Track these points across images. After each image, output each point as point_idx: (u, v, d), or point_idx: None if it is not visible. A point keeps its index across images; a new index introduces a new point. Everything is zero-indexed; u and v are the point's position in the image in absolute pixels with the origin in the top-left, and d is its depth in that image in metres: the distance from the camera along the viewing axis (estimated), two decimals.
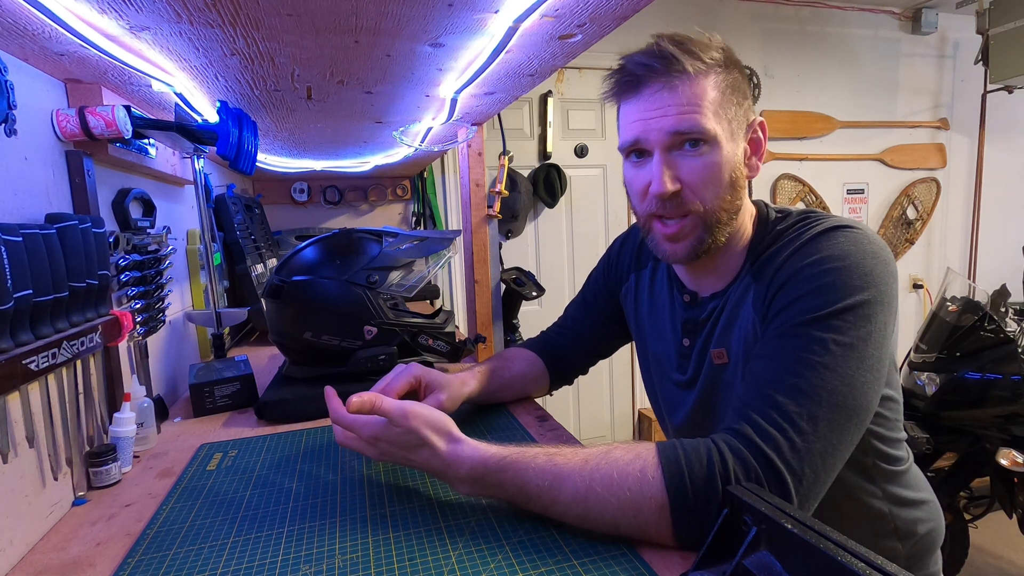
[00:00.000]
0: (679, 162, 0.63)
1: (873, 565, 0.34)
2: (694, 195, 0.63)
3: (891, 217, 3.25)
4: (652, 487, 0.52)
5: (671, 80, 0.61)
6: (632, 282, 0.85)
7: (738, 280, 0.68)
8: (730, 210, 0.65)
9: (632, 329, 0.87)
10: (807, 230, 0.63)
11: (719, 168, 0.62)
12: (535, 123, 2.74)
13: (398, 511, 0.61)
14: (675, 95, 0.61)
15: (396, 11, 0.62)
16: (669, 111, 0.61)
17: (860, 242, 0.59)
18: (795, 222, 0.66)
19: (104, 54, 0.67)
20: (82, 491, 0.69)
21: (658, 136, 0.62)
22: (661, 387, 0.81)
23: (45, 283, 0.60)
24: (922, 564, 0.75)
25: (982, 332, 1.90)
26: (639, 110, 0.63)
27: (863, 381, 0.55)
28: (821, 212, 0.67)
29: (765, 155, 0.69)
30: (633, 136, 0.64)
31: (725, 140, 0.62)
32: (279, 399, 0.92)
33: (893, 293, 0.59)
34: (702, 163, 0.62)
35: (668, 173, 0.62)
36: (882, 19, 3.10)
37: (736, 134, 0.64)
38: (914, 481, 0.75)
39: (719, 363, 0.69)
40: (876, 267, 0.58)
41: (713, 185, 0.63)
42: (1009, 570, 2.19)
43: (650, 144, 0.63)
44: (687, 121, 0.61)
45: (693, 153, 0.62)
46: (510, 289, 2.25)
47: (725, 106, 0.62)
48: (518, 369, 0.92)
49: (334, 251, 0.99)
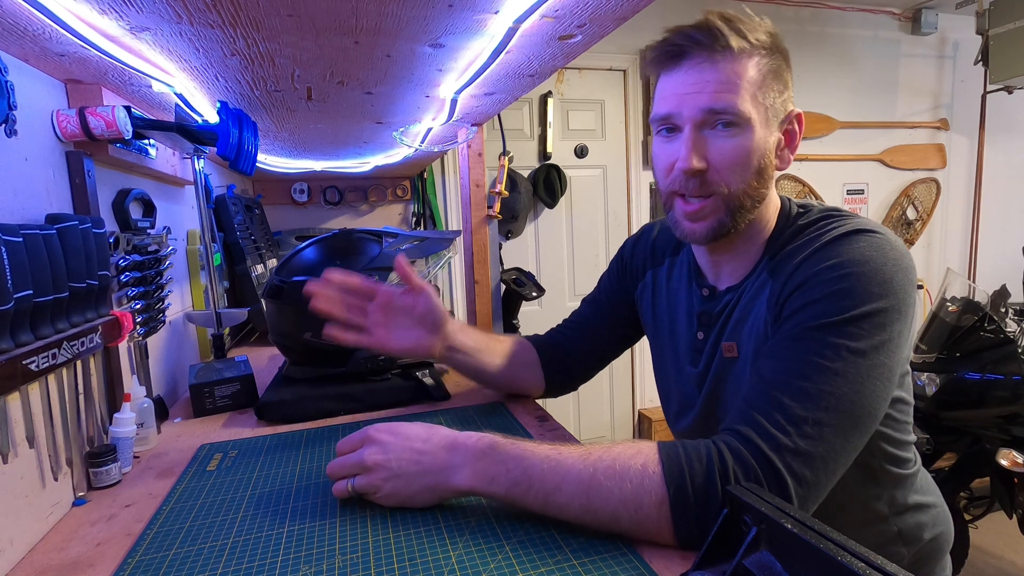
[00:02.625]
0: (709, 141, 0.62)
1: (873, 565, 0.34)
2: (719, 176, 0.62)
3: (891, 217, 3.25)
4: (653, 482, 0.52)
5: (713, 55, 0.60)
6: (649, 279, 0.84)
7: (754, 274, 0.67)
8: (754, 196, 0.64)
9: (648, 326, 0.86)
10: (829, 231, 0.61)
11: (749, 152, 0.61)
12: (535, 123, 2.74)
13: (398, 511, 0.60)
14: (716, 71, 0.60)
15: (396, 12, 0.62)
16: (707, 87, 0.60)
17: (882, 248, 0.58)
18: (816, 220, 0.65)
19: (104, 55, 0.67)
20: (82, 491, 0.69)
21: (691, 112, 0.61)
22: (676, 381, 0.80)
23: (45, 283, 0.60)
24: (928, 570, 0.73)
25: (982, 332, 1.90)
26: (676, 83, 0.62)
27: (872, 389, 0.54)
28: (844, 211, 0.65)
29: (797, 148, 0.67)
30: (667, 110, 0.63)
31: (759, 125, 0.61)
32: (279, 399, 0.92)
33: (911, 301, 0.58)
34: (732, 145, 0.61)
35: (696, 150, 0.61)
36: (882, 19, 3.11)
37: (771, 121, 0.63)
38: (921, 485, 0.73)
39: (729, 356, 0.69)
40: (896, 275, 0.57)
41: (740, 168, 0.62)
42: (1009, 570, 2.19)
43: (682, 119, 0.62)
44: (723, 100, 0.59)
45: (725, 134, 0.61)
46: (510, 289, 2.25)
47: (764, 90, 0.61)
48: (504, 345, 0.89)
49: (334, 251, 0.99)
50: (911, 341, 0.62)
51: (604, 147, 2.85)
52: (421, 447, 0.60)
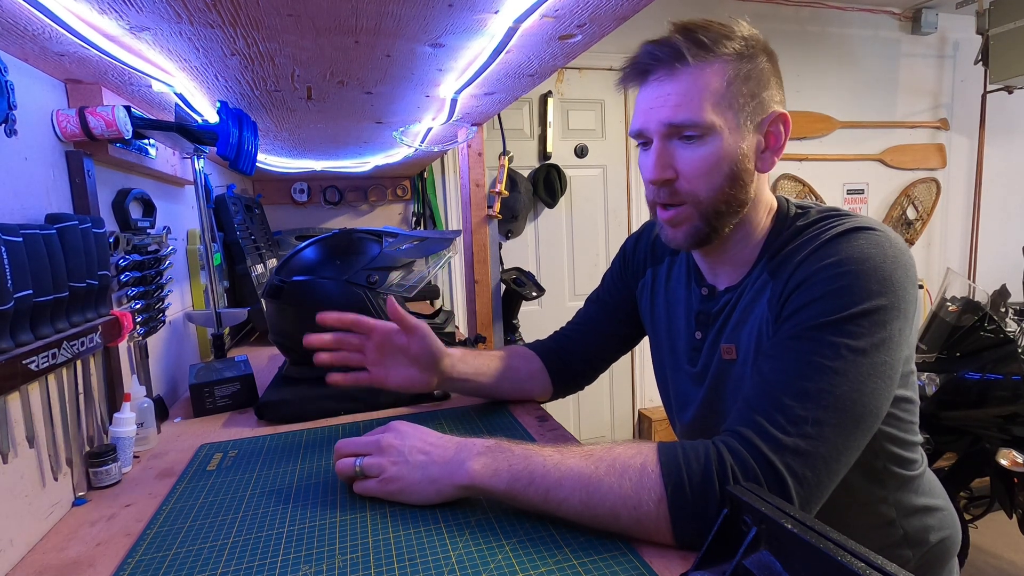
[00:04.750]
0: (676, 152, 0.64)
1: (873, 565, 0.34)
2: (689, 185, 0.64)
3: (891, 217, 3.25)
4: (651, 480, 0.52)
5: (672, 70, 0.62)
6: (648, 277, 0.85)
7: (752, 275, 0.68)
8: (731, 202, 0.64)
9: (647, 324, 0.86)
10: (828, 229, 0.61)
11: (717, 160, 0.62)
12: (535, 123, 2.74)
13: (398, 511, 0.60)
14: (675, 84, 0.62)
15: (396, 11, 0.62)
16: (668, 101, 0.62)
17: (882, 245, 0.58)
18: (816, 219, 0.65)
19: (104, 54, 0.67)
20: (82, 491, 0.69)
21: (656, 126, 0.63)
22: (674, 380, 0.80)
23: (45, 283, 0.60)
24: (935, 574, 0.73)
25: (982, 332, 1.90)
26: (643, 99, 0.65)
27: (873, 388, 0.54)
28: (843, 211, 0.65)
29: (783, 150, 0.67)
30: (637, 126, 0.66)
31: (728, 132, 0.62)
32: (279, 399, 0.92)
33: (911, 299, 0.58)
34: (699, 154, 0.62)
35: (662, 161, 0.64)
36: (882, 19, 3.10)
37: (744, 126, 0.63)
38: (927, 488, 0.73)
39: (727, 359, 0.69)
40: (896, 272, 0.57)
41: (709, 176, 0.63)
42: (1009, 570, 2.19)
43: (650, 133, 0.64)
44: (681, 113, 0.61)
45: (689, 145, 0.63)
46: (510, 289, 2.25)
47: (732, 97, 0.61)
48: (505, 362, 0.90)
49: (334, 251, 0.99)
50: (913, 339, 0.61)
51: (604, 147, 2.84)
52: (435, 440, 0.63)
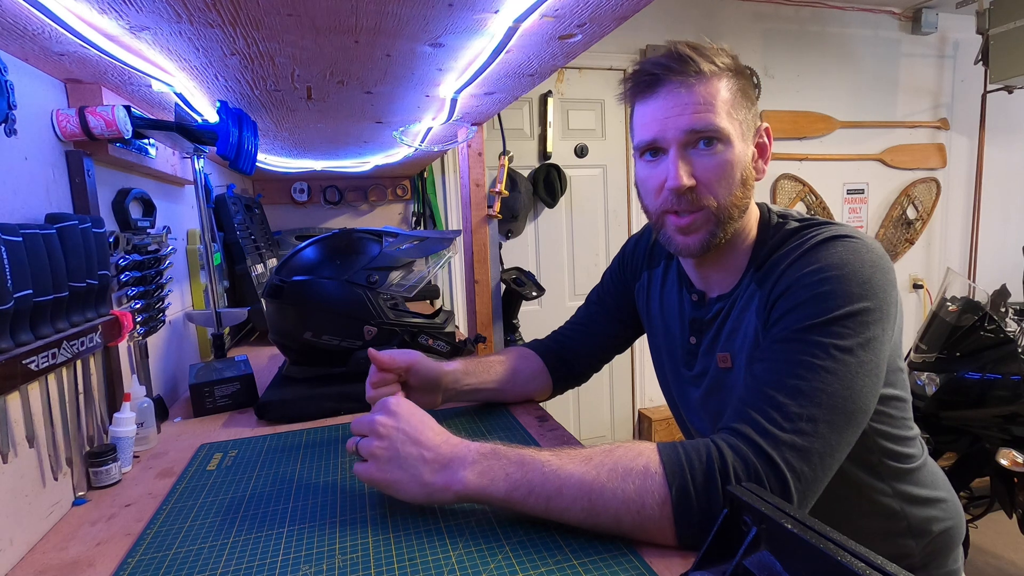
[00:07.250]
0: (694, 159, 0.65)
1: (873, 565, 0.34)
2: (708, 191, 0.65)
3: (891, 217, 3.25)
4: (655, 483, 0.52)
5: (687, 80, 0.64)
6: (645, 279, 0.87)
7: (742, 283, 0.70)
8: (740, 207, 0.67)
9: (645, 324, 0.89)
10: (808, 239, 0.65)
11: (732, 166, 0.65)
12: (535, 123, 2.74)
13: (398, 511, 0.60)
14: (692, 94, 0.63)
15: (396, 11, 0.62)
16: (687, 109, 0.64)
17: (859, 251, 0.61)
18: (798, 229, 0.68)
19: (104, 54, 0.67)
20: (82, 491, 0.69)
21: (675, 134, 0.64)
22: (673, 381, 0.83)
23: (45, 283, 0.60)
24: (939, 563, 0.75)
25: (982, 332, 1.90)
26: (656, 109, 0.66)
27: (862, 386, 0.56)
28: (822, 220, 0.68)
29: (769, 159, 0.72)
30: (651, 136, 0.66)
31: (737, 140, 0.65)
32: (279, 399, 0.92)
33: (892, 300, 0.60)
34: (716, 161, 0.65)
35: (684, 169, 0.65)
36: (882, 19, 3.10)
37: (746, 136, 0.67)
38: (929, 479, 0.75)
39: (723, 367, 0.71)
40: (875, 276, 0.59)
41: (726, 182, 0.65)
42: (1009, 570, 2.19)
43: (667, 142, 0.65)
44: (703, 120, 0.63)
45: (707, 151, 0.64)
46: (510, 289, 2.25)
47: (736, 108, 0.65)
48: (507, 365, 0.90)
49: (334, 251, 0.99)
50: (896, 339, 0.64)
51: (604, 147, 2.84)
52: (429, 435, 0.59)
